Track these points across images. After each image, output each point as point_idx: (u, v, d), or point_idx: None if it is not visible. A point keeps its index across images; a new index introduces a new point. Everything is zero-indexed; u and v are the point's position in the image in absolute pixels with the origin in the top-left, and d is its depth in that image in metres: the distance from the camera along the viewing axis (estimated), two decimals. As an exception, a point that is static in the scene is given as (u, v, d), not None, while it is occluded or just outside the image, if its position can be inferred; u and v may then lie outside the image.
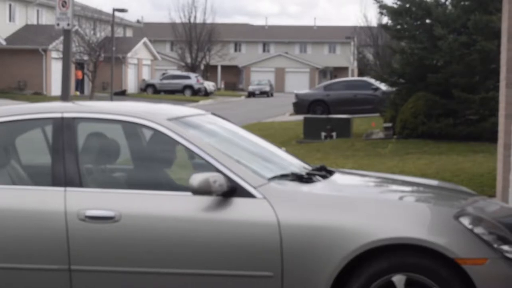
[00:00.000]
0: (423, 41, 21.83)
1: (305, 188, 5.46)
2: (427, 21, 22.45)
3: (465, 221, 5.06)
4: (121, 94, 56.72)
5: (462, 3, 21.64)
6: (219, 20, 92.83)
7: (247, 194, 5.21)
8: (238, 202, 5.21)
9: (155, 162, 6.01)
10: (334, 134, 23.36)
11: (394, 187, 6.24)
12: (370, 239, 4.95)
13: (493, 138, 12.28)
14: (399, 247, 4.99)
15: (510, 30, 9.81)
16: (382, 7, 23.81)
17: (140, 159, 6.01)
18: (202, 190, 5.13)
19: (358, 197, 5.51)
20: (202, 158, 5.37)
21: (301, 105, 34.28)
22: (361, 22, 55.36)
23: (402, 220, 5.07)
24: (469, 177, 13.33)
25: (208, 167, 5.33)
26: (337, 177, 6.06)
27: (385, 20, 25.76)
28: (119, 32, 60.28)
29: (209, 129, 6.20)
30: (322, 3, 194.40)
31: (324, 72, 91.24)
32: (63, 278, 5.28)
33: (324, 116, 27.03)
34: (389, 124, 22.77)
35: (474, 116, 20.45)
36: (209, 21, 76.71)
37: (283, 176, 5.62)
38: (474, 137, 19.95)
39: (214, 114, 6.71)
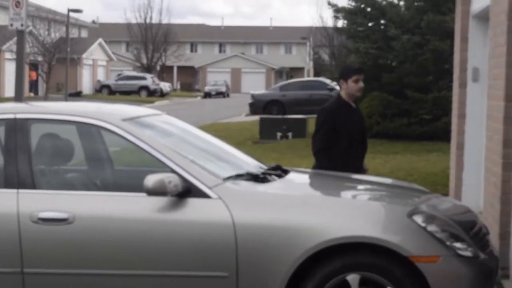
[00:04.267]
0: (377, 41, 22.01)
1: (260, 187, 5.47)
2: (382, 21, 22.64)
3: (419, 219, 5.10)
4: (76, 95, 56.22)
5: (416, 3, 21.85)
6: (175, 20, 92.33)
7: (202, 195, 5.20)
8: (193, 203, 5.19)
9: (109, 163, 5.97)
10: (290, 134, 23.43)
11: (349, 186, 6.28)
12: (324, 238, 4.97)
13: (447, 138, 12.43)
14: (354, 246, 5.01)
15: (463, 30, 9.94)
16: (337, 10, 23.99)
17: (94, 160, 5.96)
18: (156, 191, 5.10)
19: (313, 196, 5.53)
20: (157, 159, 5.34)
21: (257, 105, 34.32)
22: (316, 23, 55.51)
23: (356, 218, 5.09)
24: (423, 176, 13.48)
25: (163, 167, 5.31)
26: (292, 177, 6.07)
27: (340, 22, 25.97)
28: (74, 33, 59.76)
29: (164, 130, 6.18)
30: (275, 4, 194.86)
31: (280, 73, 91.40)
32: (15, 281, 5.22)
33: (280, 116, 27.09)
34: (345, 124, 22.89)
35: (427, 116, 20.67)
36: (165, 21, 76.40)
37: (239, 176, 5.61)
38: (427, 136, 20.17)
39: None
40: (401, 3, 23.09)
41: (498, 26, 7.25)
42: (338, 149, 7.11)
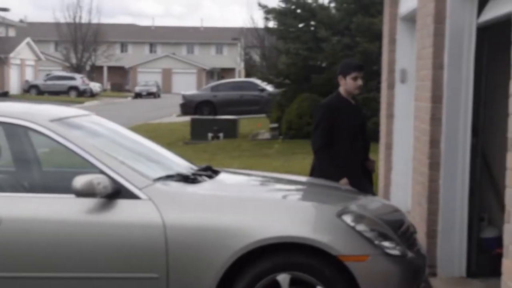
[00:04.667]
0: (307, 43, 22.17)
1: (190, 188, 5.46)
2: (312, 23, 22.81)
3: (348, 218, 5.16)
4: (3, 95, 55.17)
5: (345, 5, 22.08)
6: (104, 20, 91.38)
7: (132, 196, 5.16)
8: (122, 204, 5.15)
9: (37, 164, 5.87)
10: (221, 135, 23.44)
11: (279, 186, 6.31)
12: (255, 238, 4.98)
13: (375, 138, 12.57)
14: (284, 246, 5.04)
15: (391, 32, 10.08)
16: (268, 11, 24.10)
17: (21, 161, 5.86)
18: (85, 192, 5.05)
19: (243, 196, 5.54)
20: (86, 160, 5.29)
21: (188, 106, 34.26)
22: (247, 24, 55.65)
23: (287, 218, 5.12)
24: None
25: (92, 168, 5.26)
26: (223, 177, 6.08)
27: (271, 23, 26.07)
28: (0, 32, 58.63)
29: (93, 130, 6.11)
30: (206, 4, 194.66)
31: (212, 73, 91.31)
32: None
33: (211, 117, 27.11)
34: (275, 125, 23.03)
35: (358, 116, 20.86)
36: (94, 21, 75.59)
37: (169, 177, 5.59)
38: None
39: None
40: (331, 5, 23.31)
41: (425, 28, 7.38)
42: (338, 147, 6.88)
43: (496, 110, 6.85)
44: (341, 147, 6.84)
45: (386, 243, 5.13)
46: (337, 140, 6.81)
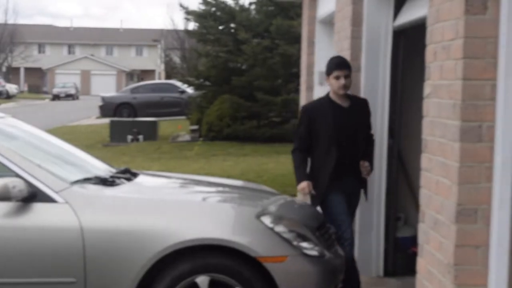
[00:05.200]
0: (227, 45, 22.20)
1: (108, 191, 5.40)
2: (232, 25, 22.85)
3: (266, 220, 5.19)
4: None
5: (265, 8, 22.20)
6: (21, 21, 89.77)
7: (48, 199, 5.08)
8: (39, 208, 5.07)
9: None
10: (140, 137, 23.27)
11: (199, 188, 6.30)
12: (173, 241, 4.96)
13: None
14: (203, 248, 5.03)
15: (309, 35, 10.17)
16: (188, 13, 24.04)
17: None
18: (0, 196, 4.95)
19: (162, 199, 5.51)
20: (0, 163, 5.18)
21: (108, 108, 33.88)
22: (168, 25, 55.40)
23: (205, 221, 5.12)
24: (273, 177, 13.70)
25: (7, 172, 5.15)
26: (141, 180, 6.04)
27: (191, 25, 26.04)
28: None
29: (8, 133, 5.99)
30: (126, 6, 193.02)
31: (131, 75, 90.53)
32: None
33: (130, 119, 26.86)
34: (195, 127, 22.99)
35: (277, 118, 21.04)
36: (11, 21, 74.12)
37: (87, 180, 5.53)
38: (277, 138, 20.53)
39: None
40: (251, 7, 23.40)
41: (342, 31, 7.48)
42: (314, 150, 6.36)
43: (412, 112, 6.99)
44: (317, 151, 6.36)
45: (304, 244, 5.18)
46: (315, 143, 6.34)
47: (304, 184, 6.32)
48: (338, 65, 6.31)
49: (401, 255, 7.11)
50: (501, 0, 3.90)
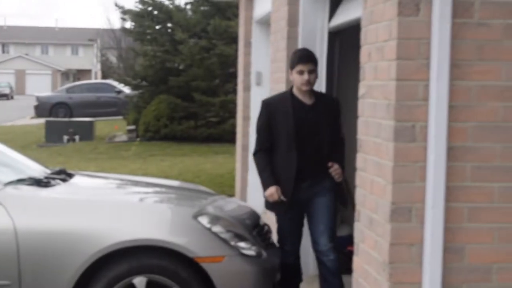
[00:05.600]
0: (165, 45, 22.09)
1: (43, 192, 5.34)
2: (169, 25, 22.76)
3: (204, 220, 5.19)
4: None
5: (202, 8, 22.15)
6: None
7: (-19, 201, 5.00)
8: (-29, 210, 4.98)
9: None
10: (77, 137, 23.01)
11: (136, 189, 6.27)
12: (110, 242, 4.93)
13: (233, 140, 12.70)
14: (140, 249, 5.01)
15: (246, 35, 10.19)
16: (125, 12, 23.87)
17: None
18: None
19: (98, 200, 5.47)
20: None
21: (43, 108, 33.43)
22: (104, 25, 54.90)
23: (142, 221, 5.10)
24: (210, 178, 13.69)
25: None
26: (77, 180, 5.98)
27: (128, 24, 25.85)
28: None
29: None
30: (62, 5, 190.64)
31: (67, 75, 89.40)
32: None
33: (66, 119, 26.54)
34: (133, 127, 22.84)
35: (214, 119, 21.02)
36: None
37: (20, 181, 5.45)
38: (214, 138, 20.52)
39: None
40: (188, 7, 23.33)
41: (279, 32, 7.51)
42: (275, 151, 5.77)
43: (347, 112, 7.06)
44: (278, 152, 5.75)
45: (241, 244, 5.20)
46: (276, 142, 5.75)
47: (272, 190, 5.70)
48: (302, 58, 5.67)
49: (338, 254, 7.16)
50: (433, 1, 3.96)
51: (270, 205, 5.84)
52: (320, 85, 6.93)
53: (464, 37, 4.02)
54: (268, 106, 5.84)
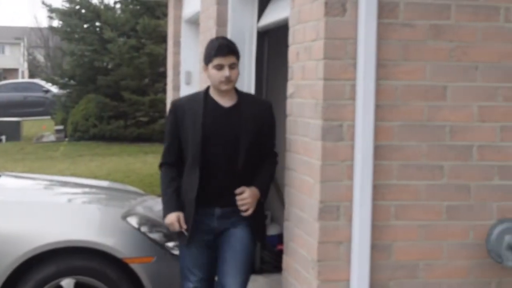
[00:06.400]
0: (93, 44, 21.87)
1: (-32, 194, 5.24)
2: (97, 23, 22.53)
3: (133, 220, 5.16)
4: None
5: (131, 7, 21.99)
6: None
7: None
8: None
9: None
10: (3, 137, 22.60)
11: (64, 189, 6.20)
12: (37, 244, 4.86)
13: (162, 139, 12.65)
14: (68, 250, 4.95)
15: (175, 34, 10.16)
16: (52, 11, 23.54)
17: None
18: None
19: (25, 201, 5.39)
20: None
21: (-33, 108, 32.74)
22: (31, 23, 54.08)
23: (70, 222, 5.05)
24: (140, 178, 13.61)
25: None
26: (4, 181, 5.89)
27: (55, 23, 25.52)
28: None
29: None
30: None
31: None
32: None
33: (-8, 119, 26.05)
34: (61, 127, 22.55)
35: (144, 118, 20.90)
36: None
37: None
38: (144, 138, 20.42)
39: None
40: (117, 6, 23.14)
41: (208, 31, 7.51)
42: (185, 166, 4.60)
43: (277, 112, 7.08)
44: (185, 167, 4.60)
45: (171, 244, 5.18)
46: (185, 154, 4.60)
47: (172, 217, 4.55)
48: (221, 49, 4.51)
49: (268, 253, 7.21)
50: (359, 2, 4.01)
51: (173, 233, 4.74)
52: (249, 86, 6.95)
53: (390, 37, 4.08)
54: (176, 108, 4.63)
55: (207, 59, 4.58)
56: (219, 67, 4.51)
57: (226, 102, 4.60)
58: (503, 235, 4.12)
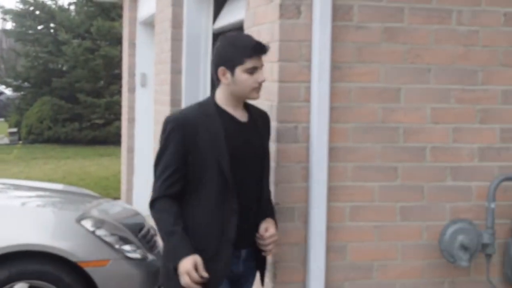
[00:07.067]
0: (47, 45, 21.68)
1: None
2: (52, 25, 22.34)
3: (87, 224, 5.12)
4: None
5: (86, 8, 21.85)
6: None
7: None
8: None
9: None
10: (-44, 140, 22.32)
11: (18, 193, 6.12)
12: None
13: (119, 142, 12.56)
14: (21, 254, 4.90)
15: (130, 36, 10.11)
16: (5, 12, 23.29)
17: None
18: None
19: (-24, 205, 5.32)
20: None
21: None
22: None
23: (24, 226, 4.99)
24: (96, 181, 13.52)
25: None
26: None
27: (9, 24, 25.24)
28: None
29: None
30: None
31: None
32: None
33: None
34: (14, 129, 22.31)
35: (99, 121, 20.77)
36: None
37: None
38: (100, 141, 20.29)
39: None
40: (71, 7, 22.97)
41: (163, 33, 7.48)
42: (201, 199, 3.52)
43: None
44: (202, 199, 3.53)
45: (126, 247, 5.16)
46: (197, 184, 3.53)
47: (189, 265, 3.39)
48: (259, 47, 3.55)
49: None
50: (313, 5, 4.03)
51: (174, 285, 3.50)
52: (205, 88, 6.95)
53: (344, 40, 4.10)
54: (184, 126, 3.52)
55: (235, 61, 3.54)
56: (252, 71, 3.54)
57: (241, 115, 3.66)
58: (456, 235, 4.17)
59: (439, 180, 4.24)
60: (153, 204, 3.50)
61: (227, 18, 6.40)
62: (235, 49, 3.54)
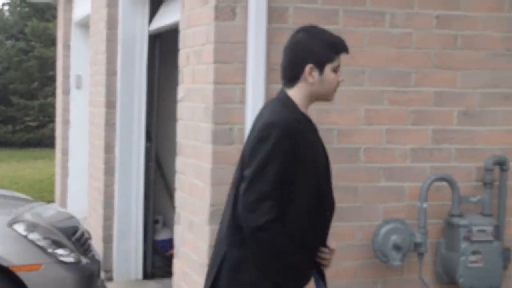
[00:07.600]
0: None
1: None
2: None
3: (20, 228, 5.03)
4: None
5: (19, 9, 21.55)
6: None
7: None
8: None
9: None
10: None
11: None
12: None
13: (53, 144, 12.40)
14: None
15: (65, 37, 9.99)
16: None
17: None
18: None
19: None
20: None
21: None
22: None
23: (-47, 230, 4.88)
24: (30, 184, 13.32)
25: None
26: None
27: None
28: None
29: None
30: None
31: None
32: None
33: None
34: None
35: (33, 123, 20.50)
36: None
37: None
38: (34, 143, 20.02)
39: None
40: (5, 8, 22.65)
41: (98, 34, 7.41)
42: (295, 217, 2.94)
43: (168, 115, 7.06)
44: (299, 218, 2.97)
45: (60, 251, 5.08)
46: (293, 203, 2.95)
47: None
48: (345, 45, 3.09)
49: (160, 258, 7.16)
50: (249, 7, 4.03)
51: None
52: (140, 89, 6.89)
53: (280, 42, 4.09)
54: (294, 133, 2.94)
55: (325, 58, 3.05)
56: (337, 69, 3.10)
57: (311, 119, 3.16)
58: (389, 235, 4.22)
59: (373, 181, 4.29)
60: (266, 228, 2.82)
61: (163, 19, 6.37)
62: (325, 45, 3.05)
